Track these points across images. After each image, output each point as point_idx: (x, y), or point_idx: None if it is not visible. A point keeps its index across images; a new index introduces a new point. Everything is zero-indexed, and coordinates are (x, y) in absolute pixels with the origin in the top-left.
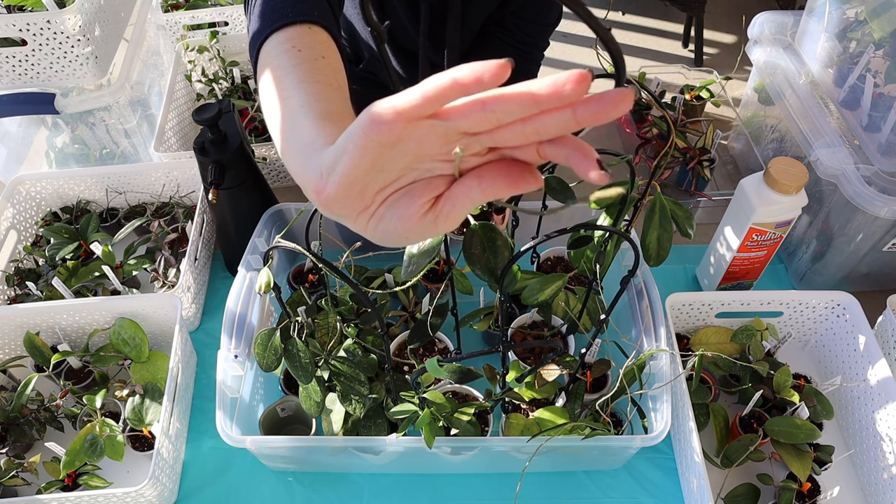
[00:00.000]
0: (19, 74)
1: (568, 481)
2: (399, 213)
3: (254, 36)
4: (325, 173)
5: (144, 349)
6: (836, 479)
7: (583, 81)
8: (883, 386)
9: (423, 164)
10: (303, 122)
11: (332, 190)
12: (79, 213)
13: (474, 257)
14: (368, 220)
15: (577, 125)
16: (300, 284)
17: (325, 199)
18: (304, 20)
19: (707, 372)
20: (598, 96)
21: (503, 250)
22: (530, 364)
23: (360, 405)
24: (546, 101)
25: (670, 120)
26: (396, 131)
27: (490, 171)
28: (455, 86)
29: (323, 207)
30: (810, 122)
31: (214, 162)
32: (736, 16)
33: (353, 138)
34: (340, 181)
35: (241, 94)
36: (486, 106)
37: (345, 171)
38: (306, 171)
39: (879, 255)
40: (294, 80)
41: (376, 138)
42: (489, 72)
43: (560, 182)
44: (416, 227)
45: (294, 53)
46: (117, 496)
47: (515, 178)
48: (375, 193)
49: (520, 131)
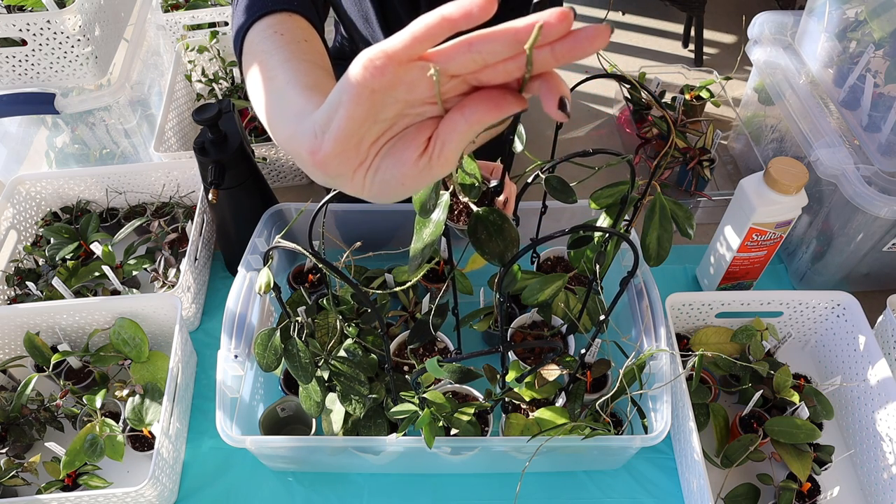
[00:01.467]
0: (19, 74)
1: (568, 481)
2: (394, 160)
3: (238, 29)
4: (319, 132)
5: (144, 349)
6: (836, 479)
7: (564, 20)
8: (883, 386)
9: (413, 110)
10: (290, 94)
11: (328, 146)
12: (79, 213)
13: (482, 242)
14: (365, 175)
15: (556, 61)
16: (300, 284)
17: (322, 158)
18: (284, 9)
19: (707, 372)
20: (574, 33)
21: (510, 232)
22: (530, 364)
23: (360, 405)
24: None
25: (670, 120)
26: (389, 75)
27: (472, 101)
28: (444, 22)
29: (319, 168)
30: (810, 122)
31: (214, 162)
32: (736, 16)
33: (346, 89)
34: (337, 135)
35: (241, 94)
36: (472, 47)
37: (341, 124)
38: (298, 135)
39: (879, 255)
40: (279, 60)
41: (370, 84)
42: (476, 5)
43: (560, 181)
44: (412, 171)
45: (277, 38)
46: (117, 496)
47: (497, 102)
48: (370, 145)
49: (503, 69)
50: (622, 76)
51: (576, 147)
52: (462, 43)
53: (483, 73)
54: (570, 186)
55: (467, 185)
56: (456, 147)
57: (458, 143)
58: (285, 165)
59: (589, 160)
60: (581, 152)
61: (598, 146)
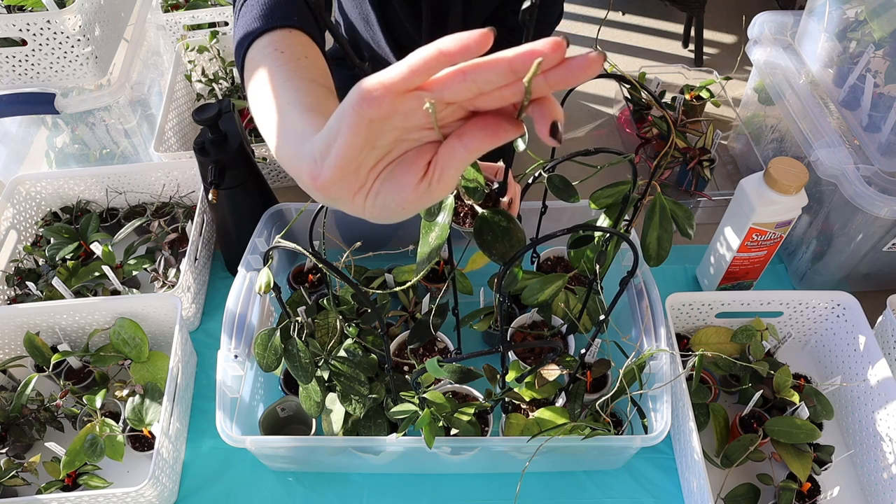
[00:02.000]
0: (19, 74)
1: (568, 481)
2: (394, 184)
3: (238, 44)
4: (318, 158)
5: (144, 349)
6: (836, 479)
7: (557, 49)
8: (883, 386)
9: (411, 135)
10: (292, 115)
11: (328, 173)
12: (79, 213)
13: (488, 243)
14: (365, 199)
15: (549, 89)
16: (300, 284)
17: (322, 184)
18: (283, 25)
19: (707, 372)
20: (567, 62)
21: (516, 232)
22: (530, 364)
23: (360, 405)
24: (522, 69)
25: (670, 120)
26: (386, 106)
27: (470, 129)
28: (440, 56)
29: (319, 192)
30: (810, 122)
31: (214, 162)
32: (736, 16)
33: (344, 118)
34: (336, 163)
35: (240, 95)
36: (466, 76)
37: (339, 152)
38: (299, 159)
39: (879, 255)
40: (280, 80)
41: (367, 114)
42: (473, 40)
43: (563, 180)
44: (412, 196)
45: (277, 56)
46: (117, 496)
47: (495, 129)
48: (369, 171)
49: (498, 96)
50: (622, 76)
51: (576, 147)
52: (457, 72)
53: (479, 100)
54: (572, 185)
55: (471, 188)
56: (455, 173)
57: (457, 170)
58: None
59: (590, 159)
60: (583, 151)
61: (598, 146)
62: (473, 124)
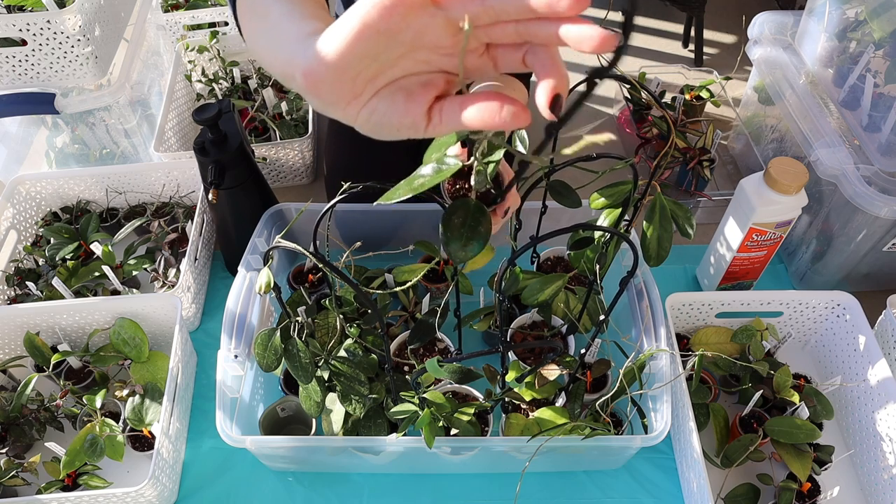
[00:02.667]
0: (19, 74)
1: (568, 481)
2: (396, 109)
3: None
4: (316, 56)
5: (144, 349)
6: (836, 479)
7: (580, 1)
8: (883, 386)
9: (418, 55)
10: (287, 25)
11: (323, 72)
12: (79, 213)
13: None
14: (359, 110)
15: (559, 42)
16: (300, 284)
17: (315, 81)
18: None
19: (707, 372)
20: (587, 26)
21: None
22: (530, 364)
23: (360, 405)
24: (541, 9)
25: (670, 120)
26: (397, 18)
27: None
28: None
29: (311, 90)
30: (810, 122)
31: (214, 162)
32: (736, 16)
33: (352, 23)
34: (334, 63)
35: (241, 94)
36: (485, 1)
37: (341, 53)
38: (295, 57)
39: (879, 255)
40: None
41: (377, 24)
42: None
43: (564, 185)
44: (412, 124)
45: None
46: (117, 496)
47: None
48: (367, 82)
49: (512, 30)
50: (622, 76)
51: (575, 146)
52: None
53: (493, 31)
54: (573, 190)
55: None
56: (453, 129)
57: (454, 129)
58: (285, 165)
59: (591, 163)
60: (584, 157)
61: (598, 145)
62: (478, 97)
